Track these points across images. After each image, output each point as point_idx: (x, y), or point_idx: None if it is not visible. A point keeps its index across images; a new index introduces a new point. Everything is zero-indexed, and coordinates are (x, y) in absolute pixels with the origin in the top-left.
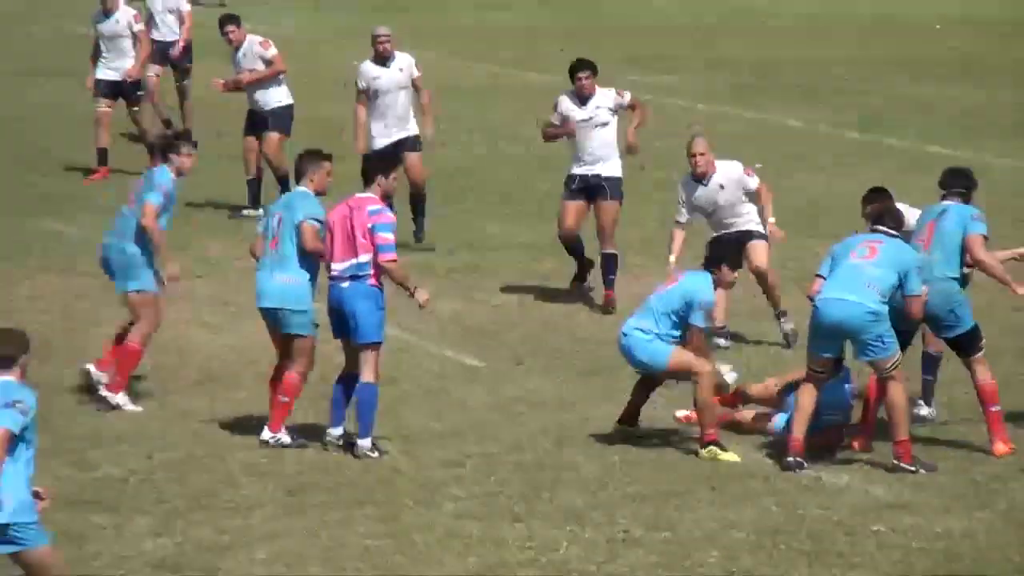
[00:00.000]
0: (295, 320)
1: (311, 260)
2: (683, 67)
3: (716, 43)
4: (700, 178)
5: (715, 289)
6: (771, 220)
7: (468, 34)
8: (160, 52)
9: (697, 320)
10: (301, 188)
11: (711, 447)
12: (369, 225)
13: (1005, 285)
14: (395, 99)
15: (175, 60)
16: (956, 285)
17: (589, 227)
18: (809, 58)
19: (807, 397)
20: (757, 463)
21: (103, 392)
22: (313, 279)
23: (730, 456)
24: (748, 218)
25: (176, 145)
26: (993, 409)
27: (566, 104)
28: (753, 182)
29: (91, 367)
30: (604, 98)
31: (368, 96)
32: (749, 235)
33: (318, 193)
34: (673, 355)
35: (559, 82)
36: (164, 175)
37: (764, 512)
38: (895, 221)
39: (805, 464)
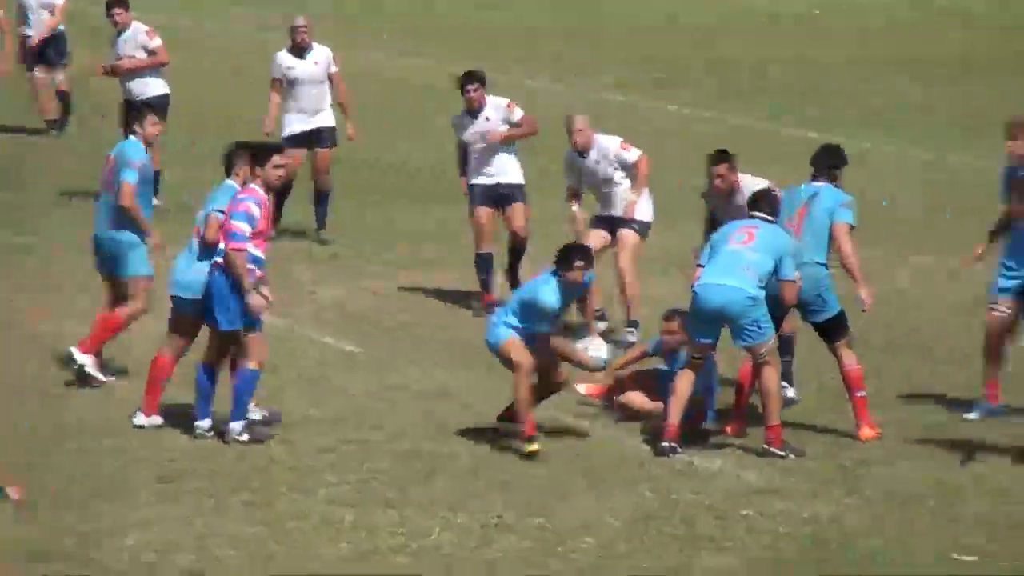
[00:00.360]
0: None
1: (214, 251)
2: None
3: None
4: (581, 152)
5: (566, 288)
6: (633, 197)
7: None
8: (35, 50)
9: (542, 327)
10: (228, 181)
11: (528, 443)
12: (230, 211)
13: (855, 282)
14: (309, 91)
15: (41, 51)
16: (824, 270)
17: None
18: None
19: (684, 383)
20: (632, 449)
21: (72, 349)
22: None
23: (534, 446)
24: (624, 196)
25: (140, 116)
26: (859, 395)
27: (457, 125)
28: (631, 156)
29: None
30: (494, 110)
31: (282, 86)
32: (623, 223)
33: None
34: (504, 342)
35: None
36: (136, 149)
37: (638, 498)
38: (771, 207)
39: (679, 449)
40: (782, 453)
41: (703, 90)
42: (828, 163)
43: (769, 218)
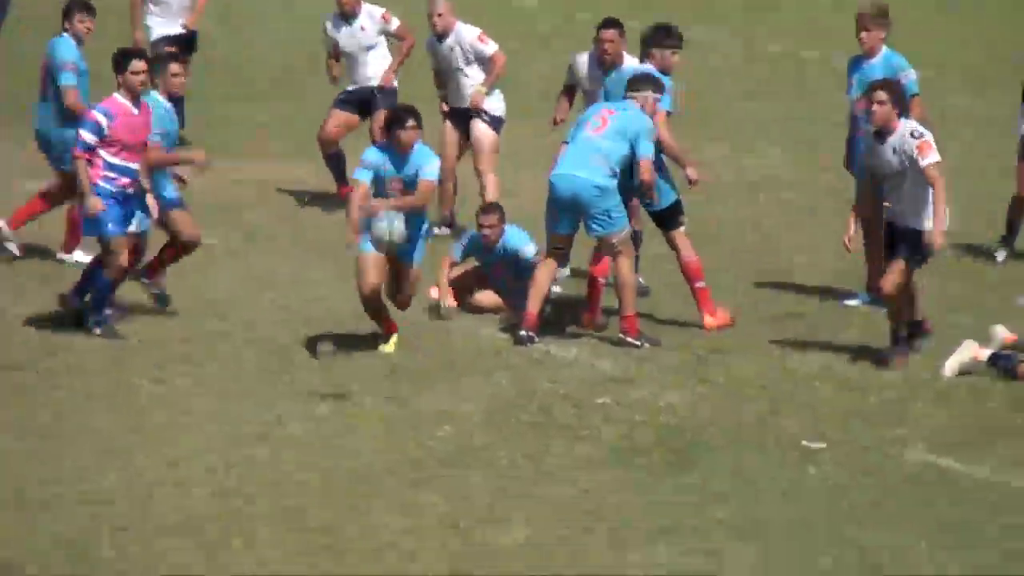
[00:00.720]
0: None
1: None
2: None
3: None
4: (439, 37)
5: (395, 148)
6: (482, 89)
7: None
8: None
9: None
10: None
11: (384, 342)
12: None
13: (681, 165)
14: None
15: None
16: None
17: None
18: None
19: (544, 273)
20: (488, 339)
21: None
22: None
23: (390, 346)
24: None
25: (70, 13)
26: (698, 285)
27: (330, 28)
28: (487, 48)
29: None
30: (369, 18)
31: None
32: (475, 118)
33: (171, 95)
34: (359, 253)
35: None
36: (66, 48)
37: (495, 387)
38: (655, 87)
39: (536, 338)
40: (637, 343)
41: None
42: (654, 43)
43: (649, 95)
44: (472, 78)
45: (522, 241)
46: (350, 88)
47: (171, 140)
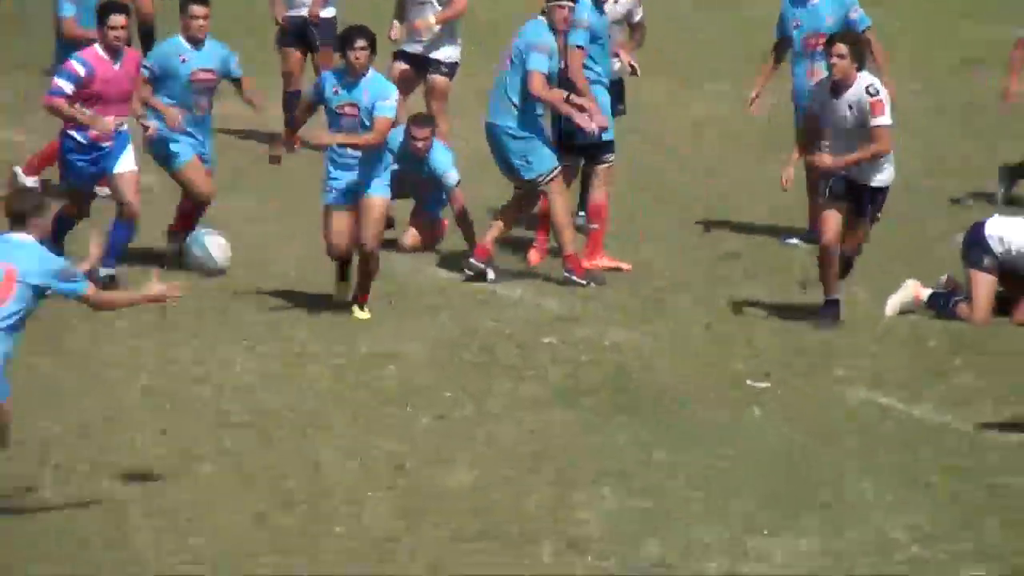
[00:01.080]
0: None
1: None
2: None
3: None
4: None
5: (347, 70)
6: (430, 19)
7: None
8: None
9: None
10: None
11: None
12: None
13: (582, 94)
14: None
15: None
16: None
17: None
18: None
19: (509, 211)
20: (430, 277)
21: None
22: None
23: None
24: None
25: None
26: (592, 226)
27: None
28: None
29: None
30: None
31: None
32: (429, 67)
33: (191, 39)
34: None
35: None
36: None
37: (440, 327)
38: None
39: (484, 267)
40: (583, 281)
41: None
42: None
43: (556, 7)
44: (432, 11)
45: (446, 166)
46: (292, 14)
47: (177, 84)
